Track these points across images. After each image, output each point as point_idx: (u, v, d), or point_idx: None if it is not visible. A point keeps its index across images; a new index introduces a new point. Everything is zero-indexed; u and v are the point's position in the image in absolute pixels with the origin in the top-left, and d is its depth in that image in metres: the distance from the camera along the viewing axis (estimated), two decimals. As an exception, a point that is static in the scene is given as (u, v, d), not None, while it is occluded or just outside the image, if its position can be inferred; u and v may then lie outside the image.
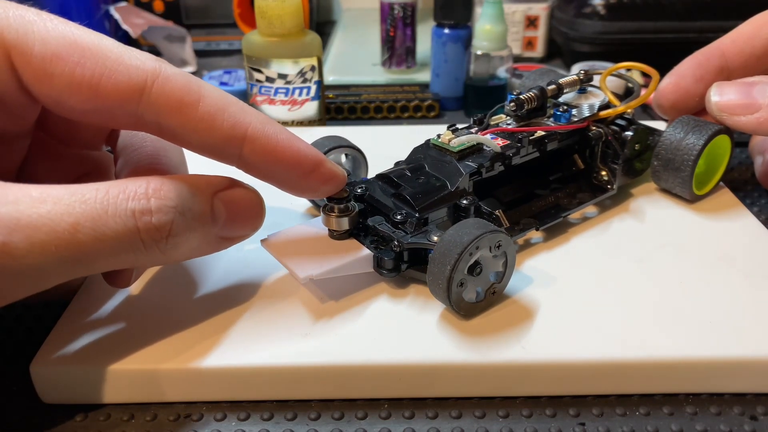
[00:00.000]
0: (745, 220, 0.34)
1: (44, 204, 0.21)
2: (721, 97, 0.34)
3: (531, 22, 0.65)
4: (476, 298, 0.27)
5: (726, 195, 0.36)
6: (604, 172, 0.35)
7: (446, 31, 0.53)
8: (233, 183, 0.26)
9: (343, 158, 0.35)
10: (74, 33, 0.23)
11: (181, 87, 0.24)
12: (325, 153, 0.33)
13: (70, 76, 0.23)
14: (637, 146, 0.36)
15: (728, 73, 0.37)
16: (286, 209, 0.35)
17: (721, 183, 0.37)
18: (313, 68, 0.46)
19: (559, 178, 0.35)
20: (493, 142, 0.32)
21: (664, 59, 0.41)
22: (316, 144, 0.34)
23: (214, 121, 0.24)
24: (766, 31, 0.36)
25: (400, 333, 0.26)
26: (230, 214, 0.25)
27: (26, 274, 0.21)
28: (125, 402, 0.25)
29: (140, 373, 0.25)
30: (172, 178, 0.24)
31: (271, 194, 0.37)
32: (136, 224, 0.22)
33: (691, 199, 0.35)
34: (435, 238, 0.27)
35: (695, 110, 0.38)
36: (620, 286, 0.29)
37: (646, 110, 0.52)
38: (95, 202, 0.22)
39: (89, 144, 0.31)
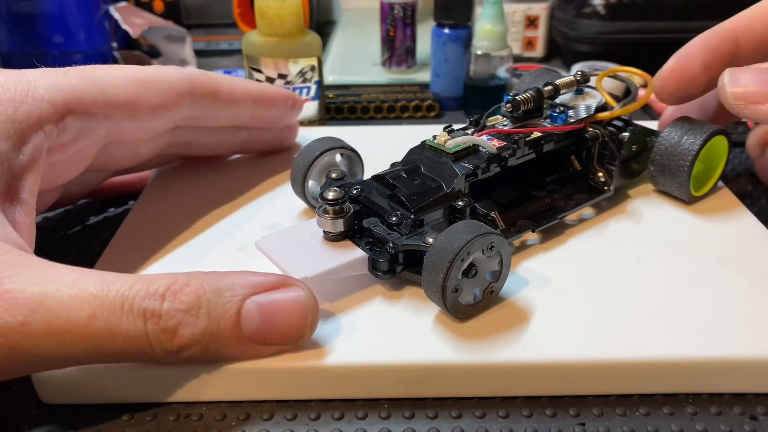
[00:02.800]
0: (745, 220, 0.34)
1: (70, 289, 0.22)
2: (737, 85, 0.31)
3: (531, 22, 0.65)
4: (474, 299, 0.27)
5: (726, 195, 0.36)
6: (600, 174, 0.35)
7: (446, 31, 0.53)
8: (281, 284, 0.24)
9: (339, 158, 0.35)
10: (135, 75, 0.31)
11: (207, 81, 0.34)
12: (321, 154, 0.33)
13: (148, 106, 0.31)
14: (634, 147, 0.36)
15: (737, 59, 0.34)
16: (281, 210, 0.35)
17: (721, 183, 0.37)
18: (313, 68, 0.46)
19: (555, 180, 0.35)
20: (489, 144, 0.32)
21: (664, 59, 0.41)
22: (310, 146, 0.34)
23: (234, 97, 0.35)
24: None
25: (399, 334, 0.26)
26: (265, 320, 0.24)
27: (37, 355, 0.22)
28: (125, 402, 0.25)
29: (140, 373, 0.25)
30: (207, 274, 0.24)
31: (268, 195, 0.37)
32: (145, 326, 0.22)
33: (689, 200, 0.35)
34: (430, 240, 0.27)
35: (696, 97, 0.36)
36: (619, 286, 0.29)
37: (646, 110, 0.52)
38: (116, 296, 0.22)
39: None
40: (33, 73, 0.28)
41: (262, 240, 0.29)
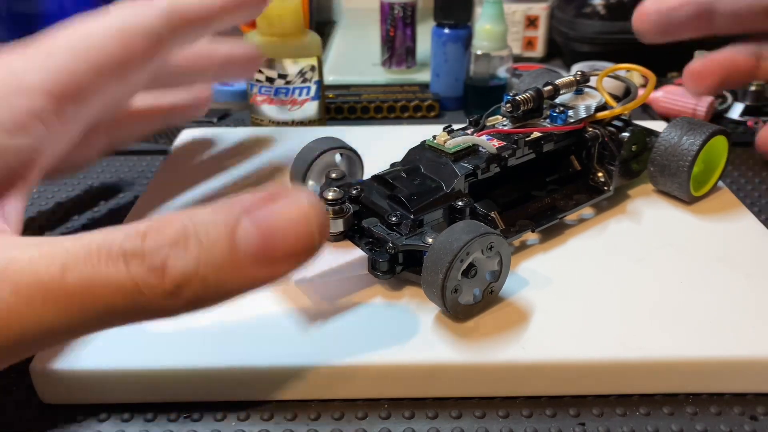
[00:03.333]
0: (745, 220, 0.34)
1: (40, 248, 0.19)
2: None
3: (531, 22, 0.65)
4: (474, 299, 0.27)
5: (726, 195, 0.36)
6: (600, 174, 0.35)
7: (446, 31, 0.53)
8: (275, 195, 0.20)
9: (338, 158, 0.35)
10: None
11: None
12: (321, 154, 0.33)
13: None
14: (634, 147, 0.36)
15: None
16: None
17: (721, 183, 0.37)
18: (313, 68, 0.46)
19: (555, 180, 0.35)
20: (489, 144, 0.32)
21: (663, 60, 0.41)
22: (310, 146, 0.34)
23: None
24: None
25: (399, 334, 0.26)
26: (265, 236, 0.20)
27: (11, 332, 0.19)
28: (125, 402, 0.25)
29: (139, 373, 0.25)
30: (193, 209, 0.20)
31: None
32: (127, 269, 0.19)
33: (689, 200, 0.35)
34: (430, 240, 0.27)
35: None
36: (620, 286, 0.29)
37: (646, 110, 0.52)
38: (90, 243, 0.19)
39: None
40: (17, 62, 0.25)
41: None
